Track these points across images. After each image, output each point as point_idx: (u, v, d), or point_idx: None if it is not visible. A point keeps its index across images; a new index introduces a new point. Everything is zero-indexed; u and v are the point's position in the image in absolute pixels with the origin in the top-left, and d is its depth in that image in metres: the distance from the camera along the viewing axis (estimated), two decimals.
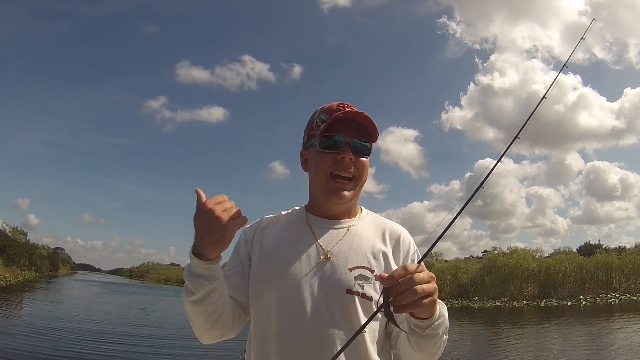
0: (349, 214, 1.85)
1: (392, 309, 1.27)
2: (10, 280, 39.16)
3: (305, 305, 1.63)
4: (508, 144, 1.62)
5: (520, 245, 45.08)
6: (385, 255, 1.74)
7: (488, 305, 36.02)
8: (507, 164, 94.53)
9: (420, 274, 1.27)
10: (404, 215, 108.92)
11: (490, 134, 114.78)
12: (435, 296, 1.32)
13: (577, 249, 45.45)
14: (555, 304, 33.29)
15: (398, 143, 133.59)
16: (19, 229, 60.00)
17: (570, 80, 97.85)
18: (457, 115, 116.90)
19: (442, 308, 1.46)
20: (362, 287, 1.64)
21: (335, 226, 1.80)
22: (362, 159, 1.76)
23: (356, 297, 1.62)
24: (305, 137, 1.88)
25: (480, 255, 53.45)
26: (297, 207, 1.93)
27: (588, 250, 43.76)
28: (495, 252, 44.91)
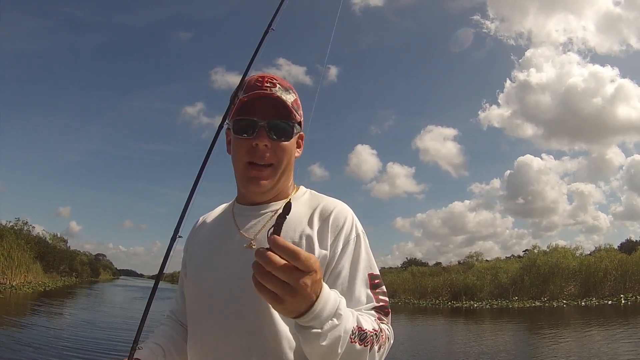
0: (278, 196, 1.64)
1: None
2: (48, 286, 39.97)
3: (221, 301, 1.51)
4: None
5: (563, 243, 44.17)
6: (309, 237, 1.50)
7: (528, 305, 35.13)
8: (547, 160, 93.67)
9: (277, 260, 1.01)
10: (445, 215, 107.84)
11: (529, 130, 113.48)
12: (287, 297, 1.04)
13: (618, 246, 44.41)
14: (596, 303, 32.26)
15: (437, 142, 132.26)
16: (59, 236, 61.36)
17: (608, 72, 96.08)
18: (495, 113, 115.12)
19: (334, 322, 1.17)
20: None
21: (260, 211, 1.61)
22: (281, 143, 1.55)
23: None
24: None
25: (522, 254, 52.61)
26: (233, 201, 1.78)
27: (629, 247, 42.62)
28: (535, 250, 44.16)
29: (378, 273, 1.53)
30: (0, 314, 19.04)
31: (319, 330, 1.15)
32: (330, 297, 1.16)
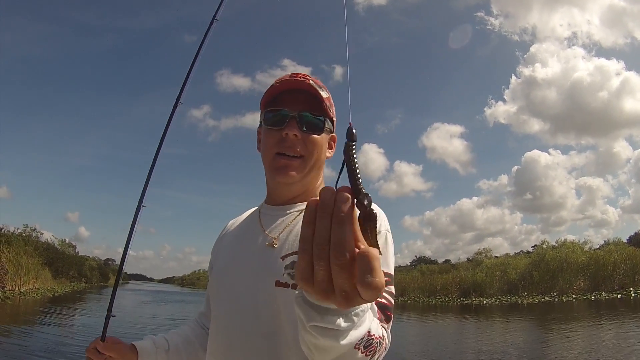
0: (306, 196, 1.60)
1: None
2: (57, 292, 40.01)
3: (238, 300, 1.47)
4: None
5: (572, 238, 44.02)
6: None
7: (537, 300, 34.99)
8: (555, 155, 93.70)
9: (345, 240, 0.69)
10: (453, 212, 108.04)
11: (535, 126, 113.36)
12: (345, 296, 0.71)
13: (627, 240, 44.17)
14: (606, 297, 32.11)
15: (444, 139, 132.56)
16: (67, 241, 61.61)
17: (614, 65, 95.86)
18: (501, 110, 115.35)
19: (353, 327, 0.91)
20: (293, 277, 1.37)
21: (287, 211, 1.58)
22: (312, 135, 1.52)
23: (285, 290, 1.38)
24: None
25: (531, 249, 52.48)
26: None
27: (638, 240, 42.44)
28: (544, 246, 44.06)
29: (391, 273, 1.42)
30: (9, 319, 19.10)
31: (337, 323, 0.88)
32: None
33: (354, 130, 0.79)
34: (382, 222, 1.49)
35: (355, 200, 0.70)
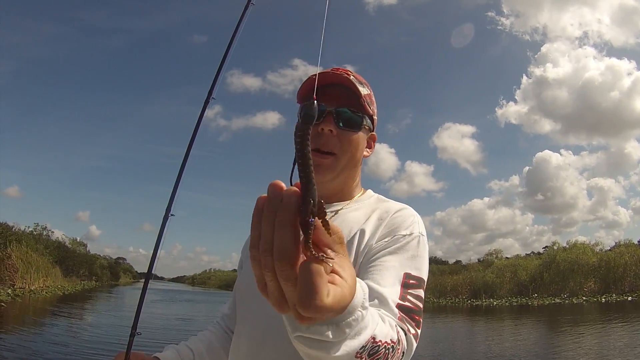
0: (342, 196, 1.56)
1: None
2: (67, 290, 40.17)
3: (265, 304, 1.36)
4: None
5: (583, 239, 43.80)
6: (362, 232, 1.38)
7: (547, 302, 34.84)
8: (566, 156, 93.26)
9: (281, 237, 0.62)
10: (464, 213, 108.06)
11: (547, 126, 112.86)
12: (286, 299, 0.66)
13: (638, 241, 43.88)
14: (616, 299, 31.92)
15: (455, 139, 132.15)
16: (78, 240, 61.85)
17: (625, 65, 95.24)
18: (512, 110, 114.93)
19: (346, 339, 0.79)
20: None
21: None
22: (348, 132, 1.48)
23: None
24: None
25: (541, 251, 52.26)
26: None
27: None
28: (555, 247, 43.88)
29: (420, 277, 1.29)
30: (18, 317, 19.22)
31: (325, 334, 0.76)
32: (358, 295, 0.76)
33: (315, 106, 0.62)
34: (416, 225, 1.42)
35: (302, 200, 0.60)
